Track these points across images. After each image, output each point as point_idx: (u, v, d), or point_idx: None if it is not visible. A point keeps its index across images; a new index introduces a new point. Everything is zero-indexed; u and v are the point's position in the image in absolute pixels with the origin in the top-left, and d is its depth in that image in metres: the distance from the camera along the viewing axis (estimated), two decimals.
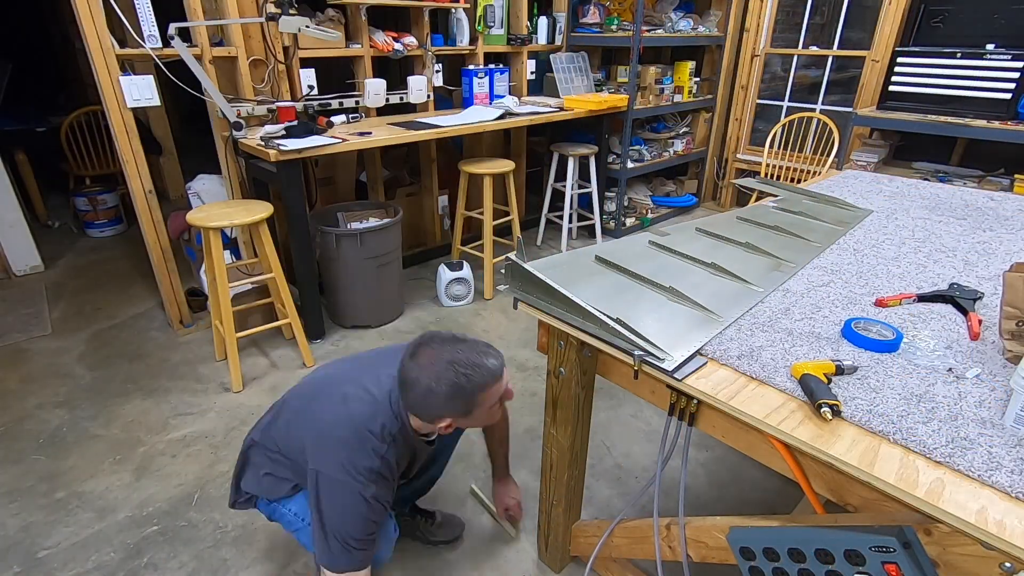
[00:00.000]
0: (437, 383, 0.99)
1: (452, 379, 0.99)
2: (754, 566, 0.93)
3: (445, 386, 0.99)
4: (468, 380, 0.99)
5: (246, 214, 2.20)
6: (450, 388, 0.99)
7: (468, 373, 0.99)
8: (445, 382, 0.99)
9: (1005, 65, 2.86)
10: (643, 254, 1.41)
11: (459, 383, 0.99)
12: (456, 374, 0.99)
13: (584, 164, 3.65)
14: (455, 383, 0.99)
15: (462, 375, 0.99)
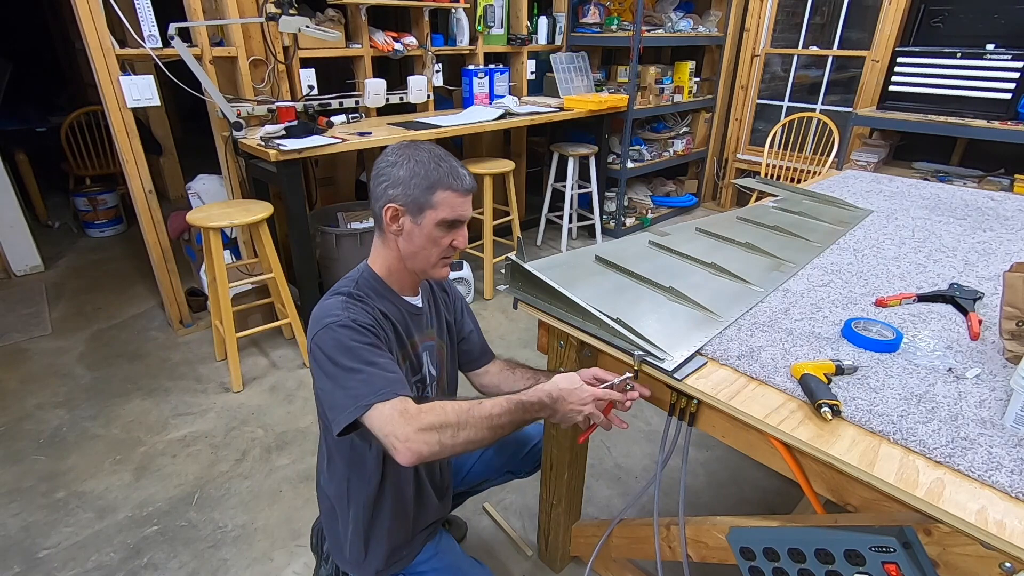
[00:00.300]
0: (407, 159, 0.97)
1: (423, 158, 0.97)
2: (754, 566, 0.93)
3: (413, 162, 0.97)
4: (436, 168, 0.97)
5: (246, 214, 2.20)
6: (416, 164, 0.97)
7: (439, 164, 0.97)
8: (414, 159, 0.97)
9: (1005, 65, 2.86)
10: (643, 254, 1.41)
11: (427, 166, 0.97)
12: (428, 157, 0.97)
13: (584, 164, 3.65)
14: (422, 162, 0.97)
15: (432, 161, 0.97)
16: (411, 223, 0.99)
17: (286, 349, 2.63)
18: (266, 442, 2.05)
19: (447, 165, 0.98)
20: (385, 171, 0.98)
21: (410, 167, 0.96)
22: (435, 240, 1.00)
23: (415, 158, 0.97)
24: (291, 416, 2.19)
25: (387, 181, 0.98)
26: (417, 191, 0.97)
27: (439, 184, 0.97)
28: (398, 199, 0.97)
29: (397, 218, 0.99)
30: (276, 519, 1.74)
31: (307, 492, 1.84)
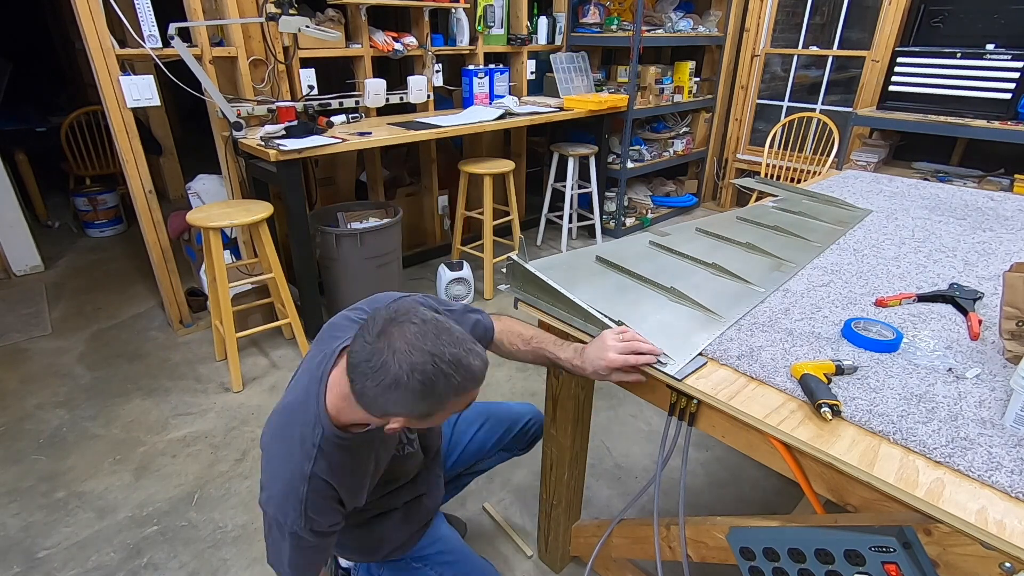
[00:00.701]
0: (410, 376, 0.78)
1: (430, 375, 0.79)
2: (754, 566, 0.93)
3: (417, 381, 0.78)
4: (447, 381, 0.80)
5: (246, 214, 2.20)
6: (423, 385, 0.79)
7: (449, 373, 0.80)
8: (419, 376, 0.78)
9: (1005, 65, 2.86)
10: (644, 254, 1.41)
11: (435, 381, 0.79)
12: (435, 370, 0.79)
13: (584, 164, 3.65)
14: (431, 381, 0.79)
15: (441, 373, 0.79)
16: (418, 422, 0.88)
17: (286, 349, 2.63)
18: None
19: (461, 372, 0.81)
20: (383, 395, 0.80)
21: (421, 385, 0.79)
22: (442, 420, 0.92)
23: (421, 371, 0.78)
24: None
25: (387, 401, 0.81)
26: (427, 406, 0.82)
27: (455, 392, 0.82)
28: (403, 414, 0.83)
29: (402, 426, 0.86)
30: None
31: None
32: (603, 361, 0.98)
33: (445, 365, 0.80)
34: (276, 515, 0.90)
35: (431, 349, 0.80)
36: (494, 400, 1.52)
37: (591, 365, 1.01)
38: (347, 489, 0.95)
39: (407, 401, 0.80)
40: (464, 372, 0.82)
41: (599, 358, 0.99)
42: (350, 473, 0.95)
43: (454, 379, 0.81)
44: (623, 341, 0.97)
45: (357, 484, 0.98)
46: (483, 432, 1.40)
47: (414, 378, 0.79)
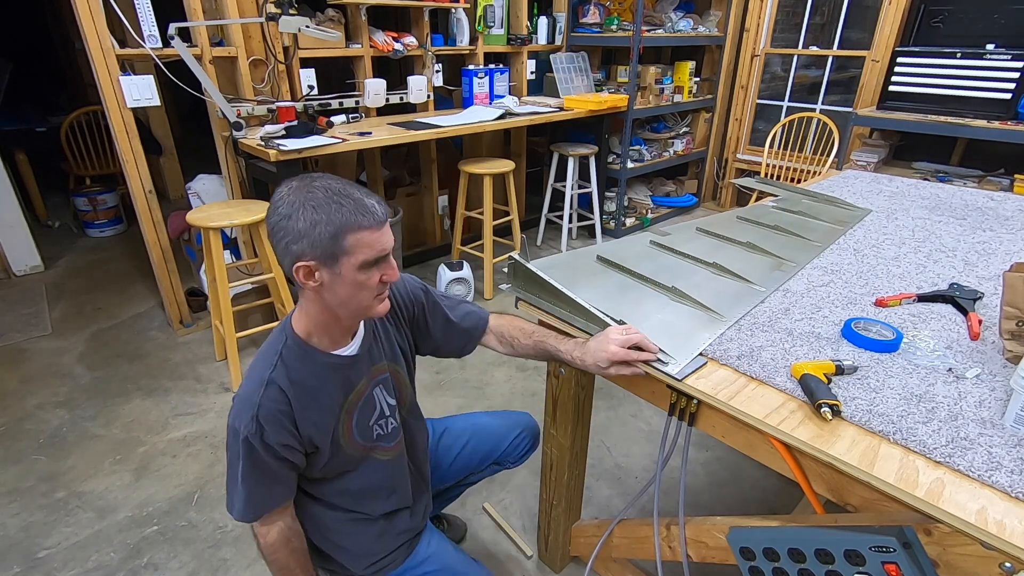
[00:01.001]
0: (303, 205, 0.83)
1: (320, 200, 0.83)
2: (754, 566, 0.93)
3: (309, 209, 0.82)
4: (339, 208, 0.83)
5: (246, 214, 2.20)
6: (314, 211, 0.82)
7: (340, 201, 0.83)
8: (311, 203, 0.83)
9: (1005, 65, 2.86)
10: (644, 254, 1.41)
11: (327, 209, 0.83)
12: (326, 197, 0.83)
13: (584, 164, 3.65)
14: (320, 206, 0.83)
15: (333, 200, 0.83)
16: (329, 274, 0.87)
17: None
18: None
19: (350, 202, 0.84)
20: (281, 225, 0.84)
21: (308, 216, 0.83)
22: (361, 284, 0.89)
23: (310, 203, 0.83)
24: None
25: (287, 237, 0.84)
26: (324, 240, 0.84)
27: (346, 227, 0.84)
28: (306, 255, 0.85)
29: (312, 274, 0.87)
30: None
31: None
32: (604, 353, 0.99)
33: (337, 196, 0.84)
34: (233, 423, 0.92)
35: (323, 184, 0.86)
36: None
37: (591, 357, 1.02)
38: (303, 408, 0.94)
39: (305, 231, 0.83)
40: (358, 204, 0.85)
41: (600, 350, 1.00)
42: (309, 391, 0.95)
43: (345, 208, 0.84)
44: (626, 336, 0.99)
45: (316, 408, 0.96)
46: (468, 449, 1.37)
47: (306, 207, 0.83)
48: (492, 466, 1.41)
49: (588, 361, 1.03)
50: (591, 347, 1.03)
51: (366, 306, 0.93)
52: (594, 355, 1.01)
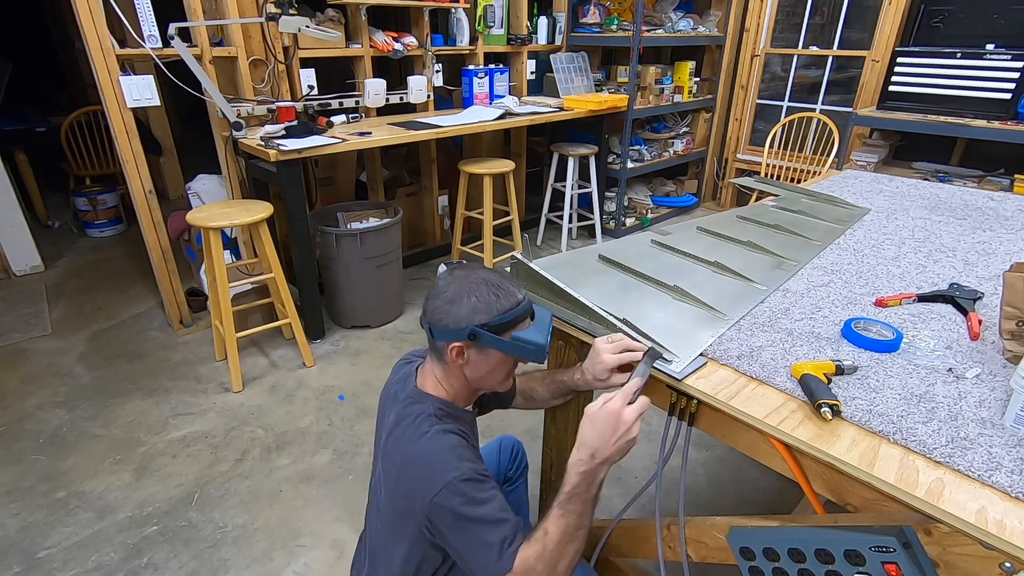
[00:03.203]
0: (468, 293, 0.93)
1: (484, 293, 0.93)
2: (754, 566, 0.93)
3: (474, 297, 0.93)
4: (498, 300, 0.93)
5: (246, 214, 2.20)
6: (478, 300, 0.92)
7: (499, 294, 0.94)
8: (475, 293, 0.93)
9: (1005, 65, 2.86)
10: (646, 253, 1.41)
11: (488, 298, 0.93)
12: (488, 290, 0.93)
13: (584, 164, 3.65)
14: (485, 297, 0.93)
15: (493, 292, 0.93)
16: (476, 354, 0.97)
17: (286, 349, 2.63)
18: (266, 442, 2.05)
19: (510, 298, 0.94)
20: (444, 308, 0.94)
21: (477, 300, 0.93)
22: (503, 363, 0.99)
23: (474, 294, 0.93)
24: (291, 416, 2.19)
25: (447, 319, 0.93)
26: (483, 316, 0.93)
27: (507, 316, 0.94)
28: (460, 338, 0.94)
29: (462, 353, 0.96)
30: (276, 519, 1.74)
31: (307, 492, 1.84)
32: (601, 365, 1.01)
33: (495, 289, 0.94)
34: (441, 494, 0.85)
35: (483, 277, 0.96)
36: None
37: (591, 374, 1.05)
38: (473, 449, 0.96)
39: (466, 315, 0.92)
40: (513, 299, 0.95)
41: (596, 364, 1.02)
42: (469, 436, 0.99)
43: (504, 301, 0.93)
44: (613, 343, 1.01)
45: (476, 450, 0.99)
46: None
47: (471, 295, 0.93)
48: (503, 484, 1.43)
49: (590, 379, 1.06)
50: (587, 367, 1.06)
51: (498, 382, 1.03)
52: (593, 371, 1.04)
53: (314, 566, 1.59)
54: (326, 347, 2.66)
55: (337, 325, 2.84)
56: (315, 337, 2.68)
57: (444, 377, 1.01)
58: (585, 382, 1.08)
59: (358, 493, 1.83)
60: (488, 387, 1.04)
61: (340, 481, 1.88)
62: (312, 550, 1.64)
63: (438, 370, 1.01)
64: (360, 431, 2.11)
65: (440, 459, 0.89)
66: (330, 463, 1.96)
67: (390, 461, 0.97)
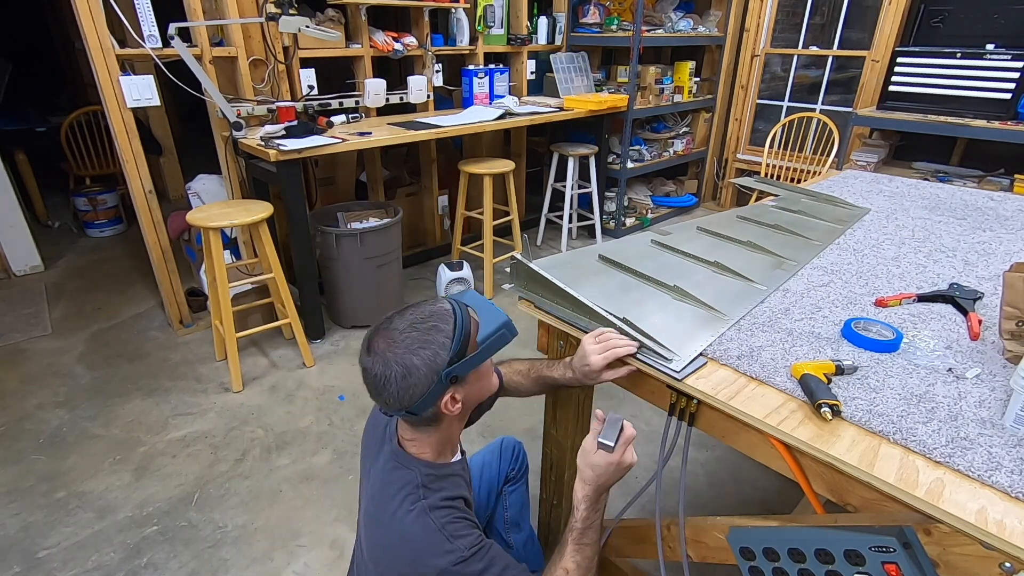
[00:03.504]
0: (411, 353, 0.82)
1: (421, 339, 0.83)
2: (754, 566, 0.93)
3: (419, 350, 0.82)
4: (437, 330, 0.84)
5: (246, 214, 2.20)
6: (425, 349, 0.82)
7: (433, 324, 0.84)
8: (416, 345, 0.82)
9: (1005, 65, 2.86)
10: (646, 253, 1.41)
11: (428, 337, 0.83)
12: (420, 334, 0.83)
13: (584, 164, 3.65)
14: (426, 340, 0.83)
15: (427, 329, 0.84)
16: (465, 386, 0.90)
17: (286, 349, 2.63)
18: (266, 442, 2.05)
19: (440, 317, 0.87)
20: (404, 385, 0.83)
21: (424, 357, 0.83)
22: (485, 370, 0.95)
23: (417, 348, 0.83)
24: (291, 416, 2.19)
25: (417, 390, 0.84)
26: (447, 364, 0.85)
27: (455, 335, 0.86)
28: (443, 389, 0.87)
29: (454, 397, 0.89)
30: (276, 519, 1.74)
31: (307, 492, 1.84)
32: (588, 366, 1.02)
33: (424, 322, 0.85)
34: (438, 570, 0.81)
35: (403, 327, 0.85)
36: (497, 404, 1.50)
37: (579, 372, 1.05)
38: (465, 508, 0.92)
39: (429, 372, 0.83)
40: (435, 316, 0.86)
41: (583, 364, 1.03)
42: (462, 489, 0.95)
43: (442, 327, 0.85)
44: (600, 343, 1.01)
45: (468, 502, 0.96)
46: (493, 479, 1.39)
47: (413, 353, 0.83)
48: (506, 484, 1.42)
49: (579, 376, 1.06)
50: (576, 364, 1.05)
51: (490, 387, 0.99)
52: (581, 370, 1.04)
53: (314, 566, 1.59)
54: (326, 347, 2.66)
55: (337, 325, 2.84)
56: (315, 337, 2.68)
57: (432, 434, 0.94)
58: (576, 380, 1.08)
59: (358, 493, 1.83)
60: (484, 396, 0.99)
61: (340, 481, 1.88)
62: (312, 550, 1.64)
63: (426, 434, 0.93)
64: (360, 431, 2.10)
65: (430, 544, 0.84)
66: (330, 463, 1.96)
67: (373, 530, 0.92)
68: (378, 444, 1.01)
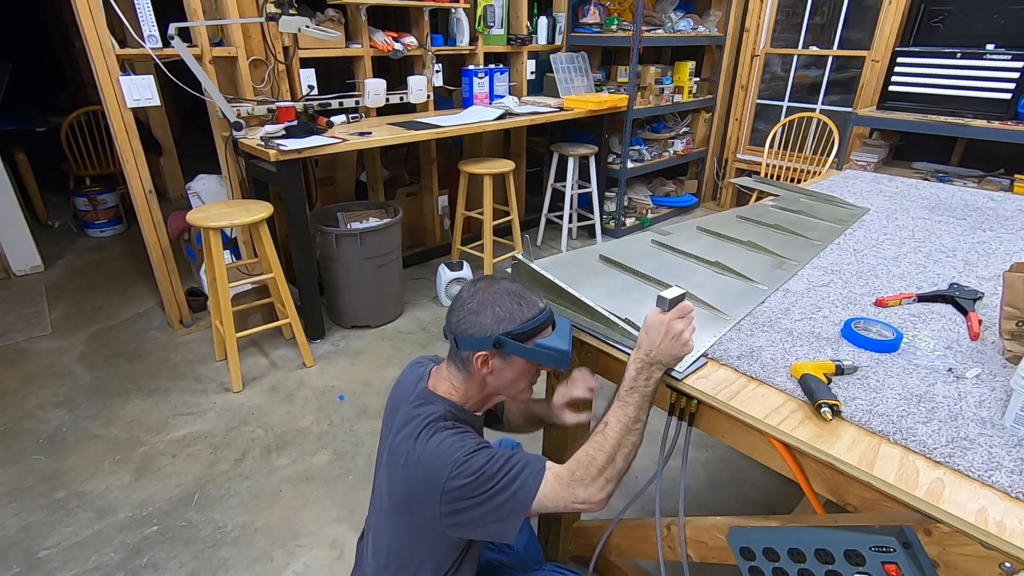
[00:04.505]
0: (492, 304, 0.95)
1: (507, 303, 0.95)
2: (754, 566, 0.93)
3: (498, 307, 0.95)
4: (521, 309, 0.95)
5: (246, 214, 2.20)
6: (502, 309, 0.95)
7: (522, 303, 0.96)
8: (499, 303, 0.95)
9: (1005, 65, 2.86)
10: (646, 253, 1.41)
11: (512, 307, 0.95)
12: (511, 300, 0.96)
13: (584, 164, 3.65)
14: (508, 306, 0.95)
15: (516, 302, 0.96)
16: (501, 363, 0.98)
17: (286, 349, 2.63)
18: (266, 442, 2.05)
19: (532, 308, 0.97)
20: (469, 319, 0.96)
21: (502, 309, 0.95)
22: (526, 371, 1.01)
23: (498, 304, 0.95)
24: (291, 416, 2.19)
25: (472, 329, 0.95)
26: (508, 325, 0.95)
27: (530, 324, 0.96)
28: (486, 347, 0.96)
29: (487, 361, 0.97)
30: (276, 519, 1.74)
31: (307, 492, 1.84)
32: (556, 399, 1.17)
33: (519, 298, 0.97)
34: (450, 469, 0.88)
35: (506, 288, 0.98)
36: None
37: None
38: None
39: (491, 324, 0.94)
40: (527, 302, 0.97)
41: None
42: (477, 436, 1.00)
43: (526, 310, 0.96)
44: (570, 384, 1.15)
45: None
46: None
47: (495, 305, 0.95)
48: None
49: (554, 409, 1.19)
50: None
51: (520, 390, 1.04)
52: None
53: (314, 566, 1.59)
54: (326, 347, 2.66)
55: (337, 325, 2.84)
56: (315, 337, 2.68)
57: (462, 383, 1.02)
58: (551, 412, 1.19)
59: (358, 493, 1.83)
60: (509, 395, 1.05)
61: (340, 481, 1.88)
62: (312, 550, 1.64)
63: (457, 376, 1.02)
64: (360, 431, 2.11)
65: (445, 451, 0.91)
66: (330, 463, 1.96)
67: (396, 459, 0.97)
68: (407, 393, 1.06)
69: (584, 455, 0.93)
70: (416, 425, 0.96)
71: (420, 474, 0.91)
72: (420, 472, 0.91)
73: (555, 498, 0.92)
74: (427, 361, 1.13)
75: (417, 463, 0.92)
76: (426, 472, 0.90)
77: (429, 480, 0.90)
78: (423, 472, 0.91)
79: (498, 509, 0.89)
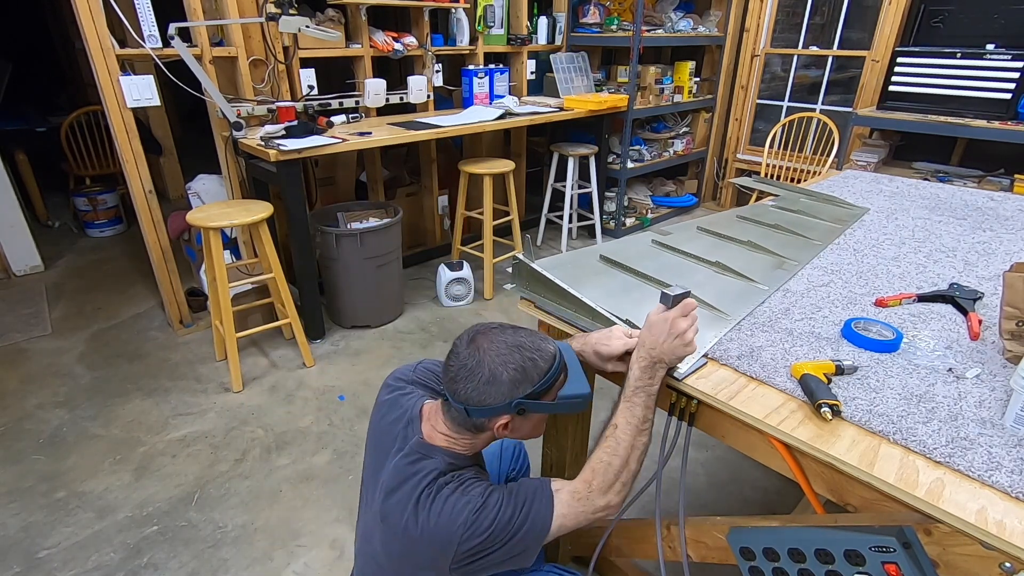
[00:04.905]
0: (503, 366, 0.87)
1: (519, 362, 0.88)
2: (754, 566, 0.93)
3: (511, 369, 0.87)
4: (535, 364, 0.89)
5: (246, 214, 2.20)
6: (516, 371, 0.87)
7: (534, 356, 0.89)
8: (511, 363, 0.88)
9: (1005, 65, 2.86)
10: (647, 253, 1.41)
11: (526, 364, 0.88)
12: (522, 356, 0.88)
13: (584, 164, 3.65)
14: (522, 366, 0.88)
15: (528, 357, 0.89)
16: (521, 421, 0.94)
17: (286, 349, 2.63)
18: (266, 442, 2.05)
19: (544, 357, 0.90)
20: (482, 390, 0.88)
21: (515, 371, 0.88)
22: (543, 418, 0.99)
23: (510, 364, 0.88)
24: (291, 416, 2.19)
25: (488, 399, 0.88)
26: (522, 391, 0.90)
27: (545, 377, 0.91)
28: (505, 412, 0.90)
29: (508, 425, 0.93)
30: (276, 519, 1.74)
31: (307, 492, 1.84)
32: (607, 347, 0.99)
33: (530, 352, 0.89)
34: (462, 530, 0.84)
35: (512, 342, 0.90)
36: None
37: (591, 348, 1.00)
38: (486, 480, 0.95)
39: (508, 391, 0.88)
40: (539, 352, 0.90)
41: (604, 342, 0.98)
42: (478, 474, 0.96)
43: (540, 363, 0.89)
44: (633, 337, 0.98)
45: None
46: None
47: (508, 368, 0.88)
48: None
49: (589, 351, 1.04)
50: (595, 339, 1.01)
51: (536, 435, 1.01)
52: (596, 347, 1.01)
53: (314, 566, 1.59)
54: (326, 347, 2.66)
55: (337, 325, 2.84)
56: (315, 337, 2.68)
57: (468, 438, 0.96)
58: (583, 356, 1.03)
59: (358, 493, 1.83)
60: (527, 438, 1.02)
61: (340, 481, 1.88)
62: (312, 550, 1.64)
63: (463, 434, 0.95)
64: (360, 431, 2.11)
65: (452, 515, 0.86)
66: (330, 463, 1.96)
67: (393, 524, 0.91)
68: (396, 440, 1.00)
69: (599, 462, 0.91)
70: (413, 487, 0.90)
71: (426, 543, 0.87)
72: (425, 542, 0.87)
73: (575, 516, 0.89)
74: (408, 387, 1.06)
75: (422, 535, 0.87)
76: (433, 542, 0.86)
77: (438, 548, 0.86)
78: (429, 542, 0.87)
79: (515, 547, 0.87)
